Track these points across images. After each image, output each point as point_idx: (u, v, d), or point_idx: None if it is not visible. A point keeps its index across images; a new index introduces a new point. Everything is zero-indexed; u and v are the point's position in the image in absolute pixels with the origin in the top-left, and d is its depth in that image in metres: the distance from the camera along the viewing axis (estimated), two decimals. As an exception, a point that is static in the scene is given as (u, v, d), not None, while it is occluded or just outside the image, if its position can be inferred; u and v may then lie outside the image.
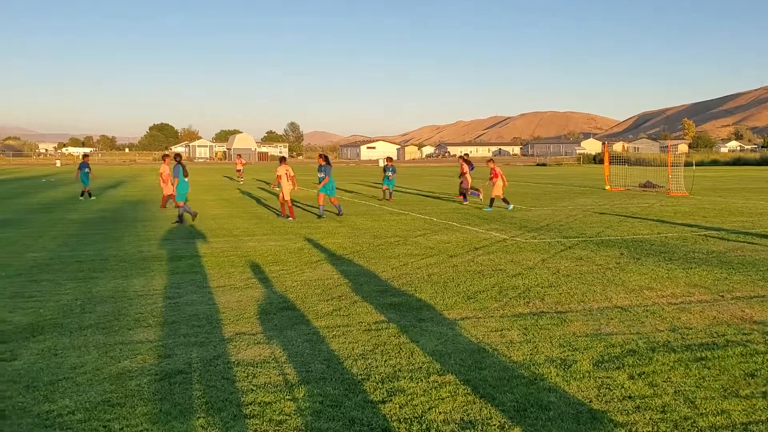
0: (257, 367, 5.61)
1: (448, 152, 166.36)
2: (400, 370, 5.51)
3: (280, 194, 17.93)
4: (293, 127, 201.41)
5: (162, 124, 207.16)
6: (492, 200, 20.33)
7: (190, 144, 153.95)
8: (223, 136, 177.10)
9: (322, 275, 9.61)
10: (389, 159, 25.27)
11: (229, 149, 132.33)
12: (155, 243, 13.00)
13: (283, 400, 4.86)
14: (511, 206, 19.97)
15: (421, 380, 5.28)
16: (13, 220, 17.40)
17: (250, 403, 4.81)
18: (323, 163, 18.06)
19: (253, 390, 5.06)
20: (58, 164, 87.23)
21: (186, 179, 16.70)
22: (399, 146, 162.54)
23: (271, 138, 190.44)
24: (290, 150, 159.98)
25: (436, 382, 5.24)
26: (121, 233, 14.57)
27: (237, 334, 6.61)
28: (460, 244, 12.73)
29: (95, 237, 13.99)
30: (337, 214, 18.03)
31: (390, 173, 23.80)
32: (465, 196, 22.94)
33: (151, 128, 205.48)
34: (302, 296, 8.24)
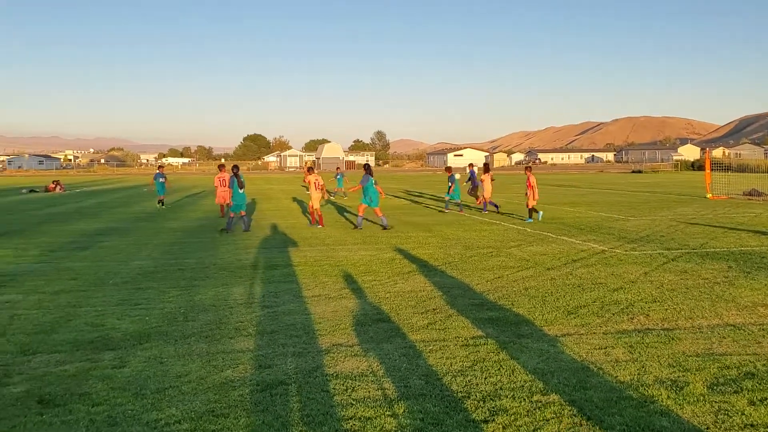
0: (355, 380, 5.60)
1: (539, 159, 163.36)
2: (501, 389, 5.36)
3: (310, 203, 18.22)
4: (380, 135, 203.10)
5: (255, 134, 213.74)
6: (530, 211, 19.62)
7: (281, 154, 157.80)
8: (313, 146, 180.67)
9: (415, 287, 9.55)
10: (449, 169, 24.39)
11: (318, 158, 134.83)
12: (252, 251, 13.32)
13: (383, 416, 4.82)
14: (531, 220, 19.23)
15: (524, 400, 5.12)
16: (119, 229, 18.26)
17: (350, 418, 4.79)
18: (365, 173, 17.79)
19: (352, 404, 5.05)
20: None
21: (241, 191, 16.98)
22: (487, 153, 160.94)
23: (358, 147, 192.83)
24: (376, 158, 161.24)
25: (540, 402, 5.07)
26: (220, 242, 15.02)
27: (334, 345, 6.64)
28: (556, 255, 12.39)
29: (196, 245, 14.49)
30: (383, 228, 17.31)
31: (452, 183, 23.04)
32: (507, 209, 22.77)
33: (245, 139, 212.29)
34: (396, 308, 8.20)
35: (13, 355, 6.37)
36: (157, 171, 26.97)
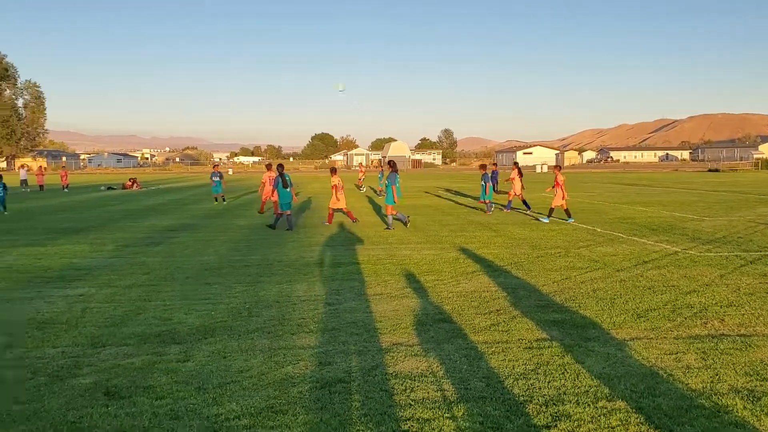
0: (415, 380, 5.53)
1: (611, 157, 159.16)
2: (564, 393, 5.20)
3: (337, 202, 18.65)
4: (447, 133, 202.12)
5: (323, 133, 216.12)
6: (550, 210, 19.12)
7: (348, 152, 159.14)
8: (379, 144, 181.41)
9: (479, 287, 9.40)
10: (483, 167, 23.70)
11: (384, 157, 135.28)
12: (316, 249, 13.43)
13: (442, 418, 4.74)
14: (548, 219, 18.76)
15: (589, 405, 4.94)
16: (189, 225, 18.73)
17: (409, 419, 4.73)
18: (390, 170, 17.57)
19: (411, 405, 4.99)
20: (230, 172, 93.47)
21: (287, 189, 17.22)
22: (558, 151, 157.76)
23: (424, 145, 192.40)
24: (443, 156, 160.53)
25: (605, 408, 4.89)
26: (285, 239, 15.21)
27: (394, 344, 6.59)
28: (627, 256, 11.99)
29: (261, 242, 14.71)
30: (404, 224, 17.59)
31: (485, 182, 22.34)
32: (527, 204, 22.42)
33: (313, 138, 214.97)
34: (459, 308, 8.09)
35: (83, 347, 6.58)
36: (213, 170, 27.78)
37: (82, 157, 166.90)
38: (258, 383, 5.48)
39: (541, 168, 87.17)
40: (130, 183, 45.64)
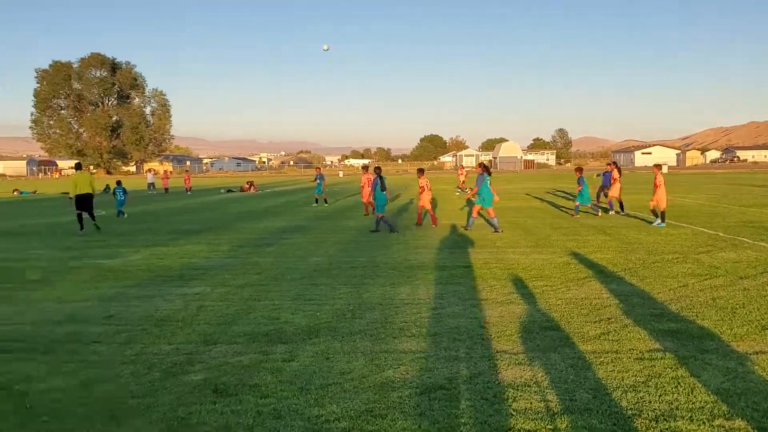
0: (518, 389, 5.38)
1: (737, 157, 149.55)
2: (677, 408, 4.89)
3: (420, 203, 18.68)
4: (561, 133, 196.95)
5: (432, 135, 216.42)
6: (662, 213, 17.67)
7: (457, 154, 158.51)
8: (489, 145, 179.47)
9: (590, 294, 9.05)
10: (579, 170, 22.27)
11: (495, 158, 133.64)
12: (422, 252, 13.41)
13: (544, 430, 4.59)
14: (657, 222, 17.59)
15: (704, 423, 4.62)
16: (301, 227, 19.23)
17: (510, 429, 4.61)
18: (480, 172, 17.31)
19: (512, 415, 4.86)
20: (341, 174, 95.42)
21: (384, 192, 17.39)
22: (679, 151, 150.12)
23: (537, 145, 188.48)
24: (557, 157, 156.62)
25: (723, 427, 4.55)
26: (391, 241, 15.30)
27: (498, 351, 6.45)
28: (752, 263, 11.18)
29: (369, 244, 14.87)
30: (495, 230, 16.91)
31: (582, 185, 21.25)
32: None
33: (422, 140, 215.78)
34: (567, 316, 7.81)
35: (196, 345, 6.88)
36: (317, 172, 28.71)
37: (204, 161, 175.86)
38: (359, 386, 5.51)
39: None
40: (248, 186, 47.49)
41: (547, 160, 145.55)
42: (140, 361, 6.39)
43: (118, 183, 25.34)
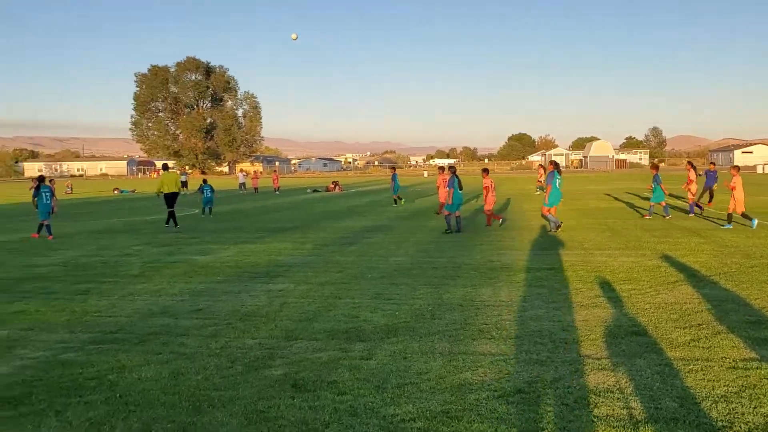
0: (600, 395, 5.21)
1: None
2: (774, 423, 4.60)
3: (486, 204, 18.72)
4: (655, 132, 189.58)
5: (520, 134, 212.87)
6: (729, 215, 16.93)
7: (547, 153, 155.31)
8: (580, 144, 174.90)
9: (680, 298, 8.66)
10: (655, 167, 21.98)
11: (585, 157, 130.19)
12: (505, 253, 13.21)
13: (626, 439, 4.41)
14: (730, 225, 16.78)
15: (804, 440, 4.33)
16: (383, 227, 19.35)
17: (590, 437, 4.46)
18: (552, 169, 17.53)
19: (593, 421, 4.70)
20: (425, 175, 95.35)
21: (460, 191, 17.39)
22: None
23: (630, 144, 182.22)
24: (651, 156, 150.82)
25: (825, 445, 4.25)
26: (474, 242, 15.15)
27: (581, 356, 6.26)
28: None
29: (450, 244, 14.79)
30: (555, 228, 16.94)
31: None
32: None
33: (509, 138, 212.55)
34: (655, 321, 7.50)
35: (278, 340, 7.03)
36: (393, 173, 28.79)
37: (293, 161, 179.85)
38: (435, 387, 5.47)
39: (763, 168, 78.68)
40: (333, 185, 48.22)
41: (640, 159, 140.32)
42: (224, 354, 6.59)
43: (204, 182, 26.22)
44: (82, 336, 7.44)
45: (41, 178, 20.13)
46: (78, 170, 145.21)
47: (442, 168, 23.08)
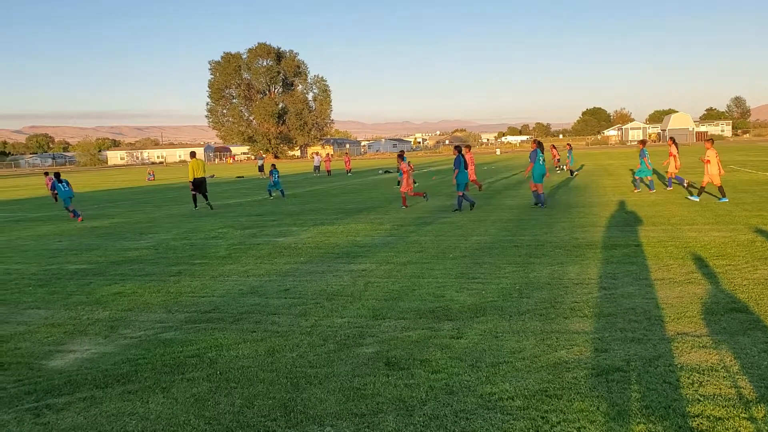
0: (703, 374, 5.03)
1: None
2: None
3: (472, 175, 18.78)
4: (738, 102, 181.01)
5: (594, 108, 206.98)
6: (701, 189, 17.56)
7: (622, 127, 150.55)
8: (657, 117, 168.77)
9: (782, 274, 8.25)
10: (643, 142, 22.14)
11: (663, 131, 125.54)
12: (589, 230, 12.91)
13: (737, 418, 4.25)
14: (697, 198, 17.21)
15: None
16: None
17: (697, 415, 4.32)
18: (535, 147, 17.85)
19: (699, 400, 4.55)
20: (498, 152, 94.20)
21: (466, 170, 17.92)
22: None
23: (711, 116, 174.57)
24: (734, 128, 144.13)
25: None
26: (556, 219, 14.87)
27: (678, 333, 6.06)
28: None
29: (531, 222, 14.56)
30: (535, 204, 17.88)
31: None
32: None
33: (583, 113, 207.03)
34: (756, 297, 7.18)
35: (366, 319, 7.10)
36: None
37: (362, 143, 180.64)
38: (530, 365, 5.41)
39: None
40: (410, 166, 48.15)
41: (722, 131, 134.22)
42: (316, 332, 6.70)
43: (273, 166, 27.02)
44: (179, 315, 7.72)
45: (57, 174, 22.35)
46: (158, 157, 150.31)
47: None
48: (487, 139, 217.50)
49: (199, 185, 22.11)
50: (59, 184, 21.24)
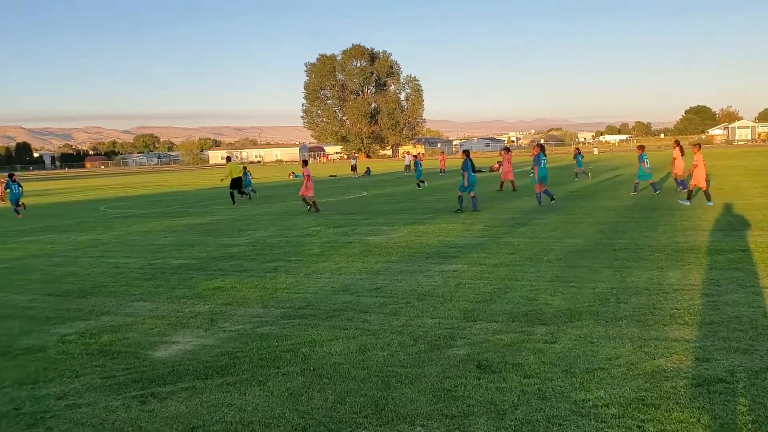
0: (817, 390, 4.73)
1: None
2: None
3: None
4: None
5: (699, 106, 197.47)
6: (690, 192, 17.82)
7: (729, 126, 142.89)
8: (767, 115, 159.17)
9: None
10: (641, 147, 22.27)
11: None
12: (691, 234, 12.35)
13: None
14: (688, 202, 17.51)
15: None
16: (555, 207, 18.76)
17: (809, 434, 4.07)
18: (538, 152, 19.35)
19: (812, 418, 4.28)
20: (596, 152, 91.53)
21: (474, 174, 18.73)
22: None
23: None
24: None
25: None
26: (656, 222, 14.31)
27: (789, 345, 5.72)
28: None
29: (629, 225, 14.08)
30: (539, 203, 19.34)
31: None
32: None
33: (687, 111, 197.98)
34: None
35: (457, 320, 7.09)
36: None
37: (454, 143, 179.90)
38: (627, 373, 5.25)
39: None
40: (498, 165, 47.61)
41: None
42: (406, 332, 6.76)
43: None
44: (275, 311, 7.97)
45: (11, 175, 25.29)
46: (256, 157, 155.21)
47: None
48: (584, 138, 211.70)
49: (236, 184, 26.71)
50: (12, 184, 24.17)
